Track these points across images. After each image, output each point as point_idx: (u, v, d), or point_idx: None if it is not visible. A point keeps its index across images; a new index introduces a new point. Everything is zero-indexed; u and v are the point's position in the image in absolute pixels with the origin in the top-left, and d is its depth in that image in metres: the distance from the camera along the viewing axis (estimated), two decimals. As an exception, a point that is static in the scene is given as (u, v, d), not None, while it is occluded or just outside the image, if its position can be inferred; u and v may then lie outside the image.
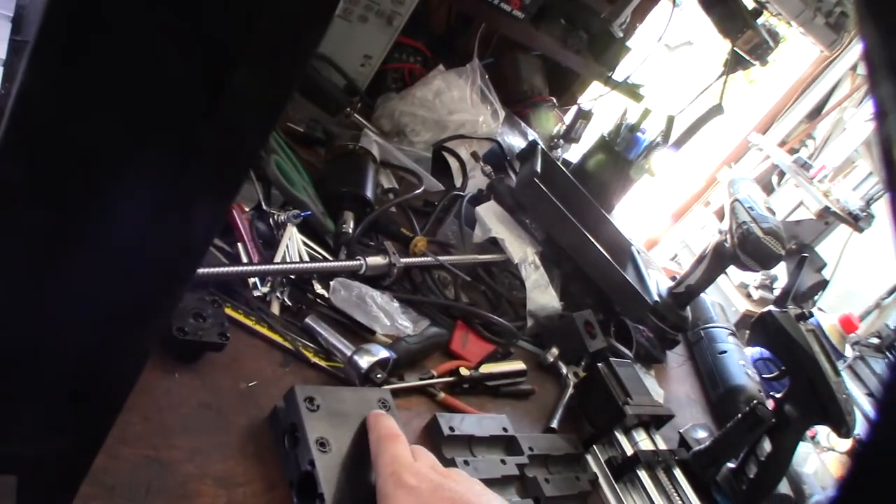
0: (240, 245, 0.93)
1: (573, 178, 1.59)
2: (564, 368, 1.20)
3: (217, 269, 0.86)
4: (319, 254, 1.04)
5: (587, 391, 1.15)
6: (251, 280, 0.91)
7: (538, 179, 1.31)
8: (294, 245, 0.99)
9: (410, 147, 1.41)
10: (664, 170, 1.81)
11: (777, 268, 2.98)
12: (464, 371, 1.01)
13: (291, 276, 0.95)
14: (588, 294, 1.38)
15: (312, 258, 1.02)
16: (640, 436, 1.12)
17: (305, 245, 1.02)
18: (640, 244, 3.21)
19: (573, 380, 1.18)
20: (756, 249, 1.37)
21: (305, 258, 1.00)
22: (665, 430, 1.20)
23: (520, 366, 1.11)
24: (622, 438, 1.10)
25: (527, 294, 1.24)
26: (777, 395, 1.25)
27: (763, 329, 1.27)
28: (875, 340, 3.25)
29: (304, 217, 1.02)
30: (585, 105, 1.89)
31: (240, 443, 0.75)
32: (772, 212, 1.47)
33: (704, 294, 1.75)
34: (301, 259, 0.99)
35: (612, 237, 1.57)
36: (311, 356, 0.89)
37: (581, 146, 1.90)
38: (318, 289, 0.97)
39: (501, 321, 1.15)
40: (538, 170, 1.35)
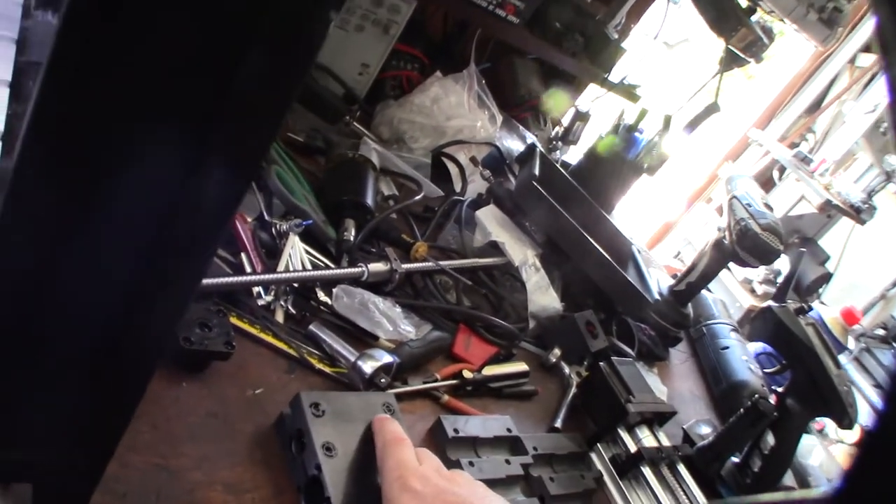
0: (243, 255, 0.94)
1: (572, 180, 1.60)
2: (567, 368, 1.22)
3: (222, 280, 0.88)
4: (322, 262, 1.06)
5: (590, 390, 1.16)
6: (255, 289, 0.92)
7: (536, 182, 1.33)
8: (297, 254, 1.01)
9: (410, 154, 1.43)
10: (672, 157, 1.82)
11: (781, 263, 2.99)
12: (467, 374, 1.03)
13: (295, 285, 0.97)
14: (589, 294, 1.40)
15: (315, 266, 1.03)
16: (644, 433, 1.14)
17: (308, 253, 1.04)
18: (642, 243, 3.23)
19: (576, 379, 1.20)
20: (754, 245, 1.39)
21: (308, 266, 1.02)
22: (669, 427, 1.21)
23: (522, 367, 1.13)
24: (626, 436, 1.12)
25: (528, 296, 1.25)
26: (779, 389, 1.26)
27: (763, 324, 1.28)
28: (881, 332, 3.25)
29: (306, 226, 1.04)
30: (583, 107, 1.91)
31: (247, 449, 0.77)
32: (769, 208, 1.48)
33: (706, 290, 1.76)
34: (304, 267, 1.00)
35: (612, 237, 1.58)
36: (316, 363, 0.90)
37: (580, 147, 1.91)
38: (322, 296, 0.99)
39: (503, 323, 1.17)
40: (536, 172, 1.36)
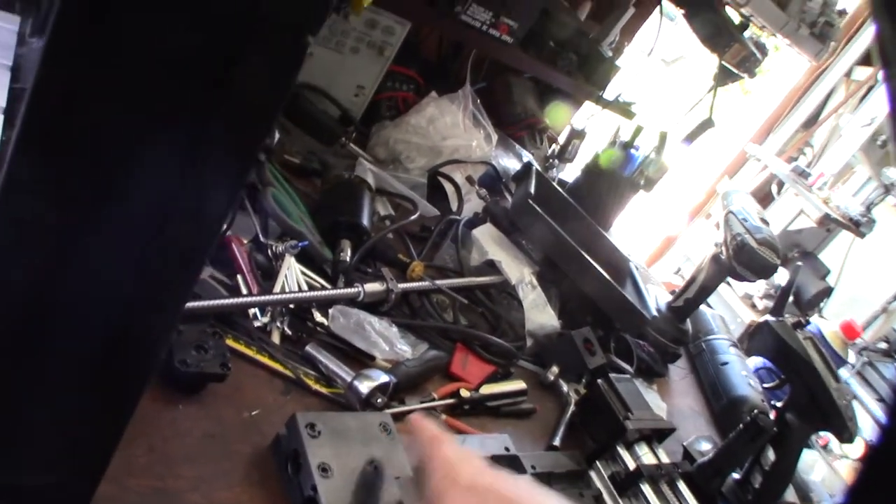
0: (239, 277, 0.95)
1: (569, 198, 1.61)
2: (565, 386, 1.22)
3: (217, 302, 0.88)
4: (318, 283, 1.06)
5: (588, 408, 1.16)
6: (251, 311, 0.93)
7: (532, 200, 1.33)
8: (293, 275, 1.01)
9: (406, 174, 1.44)
10: (669, 173, 1.83)
11: (782, 277, 2.98)
12: (464, 392, 1.03)
13: (291, 306, 0.97)
14: (587, 311, 1.40)
15: (311, 287, 1.04)
16: (643, 450, 1.13)
17: (304, 274, 1.04)
18: (643, 259, 3.23)
19: (574, 397, 1.20)
20: (751, 260, 1.39)
21: (304, 287, 1.02)
22: (669, 444, 1.21)
23: (520, 385, 1.13)
24: (624, 453, 1.11)
25: (525, 314, 1.25)
26: (778, 405, 1.25)
27: (761, 338, 1.28)
28: (883, 345, 3.24)
29: (302, 247, 1.05)
30: (578, 125, 1.92)
31: (244, 470, 0.77)
32: (766, 222, 1.48)
33: (706, 306, 1.77)
34: (300, 288, 1.01)
35: (610, 254, 1.58)
36: (313, 383, 0.90)
37: (576, 165, 1.92)
38: (318, 317, 0.99)
39: (500, 342, 1.17)
40: (532, 191, 1.37)
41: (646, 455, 1.13)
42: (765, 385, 1.53)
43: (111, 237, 0.34)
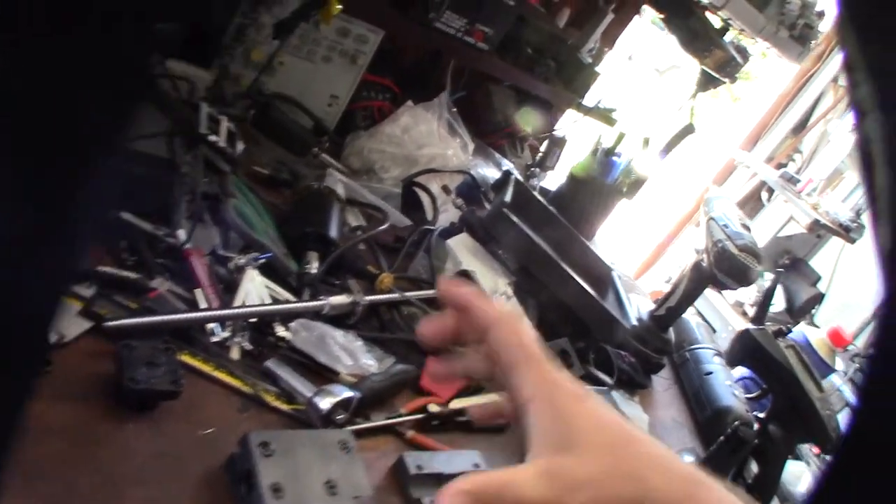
0: (197, 291, 0.92)
1: (549, 206, 1.58)
2: (541, 398, 1.19)
3: (172, 317, 0.86)
4: (282, 296, 1.03)
5: (564, 420, 1.13)
6: (210, 325, 0.90)
7: (507, 208, 1.31)
8: (255, 288, 0.99)
9: (380, 184, 1.41)
10: (652, 180, 1.81)
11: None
12: (433, 407, 1.00)
13: (252, 320, 0.94)
14: (566, 322, 1.37)
15: (275, 300, 1.01)
16: (620, 463, 1.10)
17: (268, 288, 1.02)
18: (633, 268, 3.21)
19: (550, 409, 1.17)
20: (731, 266, 1.36)
21: (267, 301, 0.99)
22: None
23: (493, 398, 1.10)
24: (601, 467, 1.08)
25: (500, 325, 1.22)
26: (761, 415, 1.23)
27: (742, 348, 1.26)
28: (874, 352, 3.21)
29: (266, 259, 1.02)
30: (559, 132, 1.90)
31: (196, 491, 0.74)
32: (747, 228, 1.46)
33: (692, 315, 1.74)
34: (262, 302, 0.98)
35: (591, 263, 1.56)
36: (272, 400, 0.87)
37: (558, 173, 1.90)
38: (280, 331, 0.96)
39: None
40: (508, 199, 1.35)
41: (623, 469, 1.10)
42: (747, 395, 1.51)
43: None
